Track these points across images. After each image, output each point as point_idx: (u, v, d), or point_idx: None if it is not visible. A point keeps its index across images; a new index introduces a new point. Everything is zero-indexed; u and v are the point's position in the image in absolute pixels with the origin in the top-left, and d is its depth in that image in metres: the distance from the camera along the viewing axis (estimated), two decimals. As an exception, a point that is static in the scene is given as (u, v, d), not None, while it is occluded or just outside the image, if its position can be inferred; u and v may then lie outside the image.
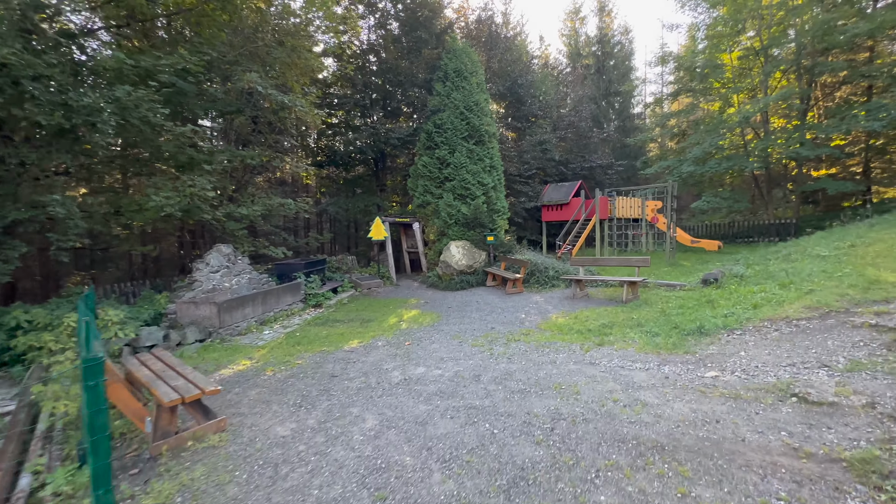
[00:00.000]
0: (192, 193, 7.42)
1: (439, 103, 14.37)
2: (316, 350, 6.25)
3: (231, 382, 4.84)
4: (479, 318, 8.15)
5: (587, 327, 6.62)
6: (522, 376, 4.33)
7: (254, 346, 6.64)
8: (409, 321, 8.17)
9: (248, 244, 9.75)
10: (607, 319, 7.07)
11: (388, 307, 9.88)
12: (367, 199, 16.31)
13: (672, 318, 6.56)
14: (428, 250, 14.81)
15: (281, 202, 10.06)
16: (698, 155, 16.61)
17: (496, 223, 13.96)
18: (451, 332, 6.93)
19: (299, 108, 8.45)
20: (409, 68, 15.92)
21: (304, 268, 10.45)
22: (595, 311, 7.83)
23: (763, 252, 13.49)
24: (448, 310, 9.18)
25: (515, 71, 19.31)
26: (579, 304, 8.73)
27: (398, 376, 4.66)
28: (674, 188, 13.69)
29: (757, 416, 2.92)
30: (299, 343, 6.71)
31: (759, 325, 5.11)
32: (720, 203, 16.61)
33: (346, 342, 6.65)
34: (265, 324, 8.12)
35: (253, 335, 7.34)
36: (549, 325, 7.00)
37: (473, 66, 14.74)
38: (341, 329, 7.69)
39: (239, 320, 7.37)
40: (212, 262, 7.89)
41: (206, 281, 7.65)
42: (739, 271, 9.16)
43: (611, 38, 31.07)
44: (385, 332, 7.31)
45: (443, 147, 13.95)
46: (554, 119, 21.63)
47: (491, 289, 11.83)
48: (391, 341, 6.56)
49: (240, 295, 7.95)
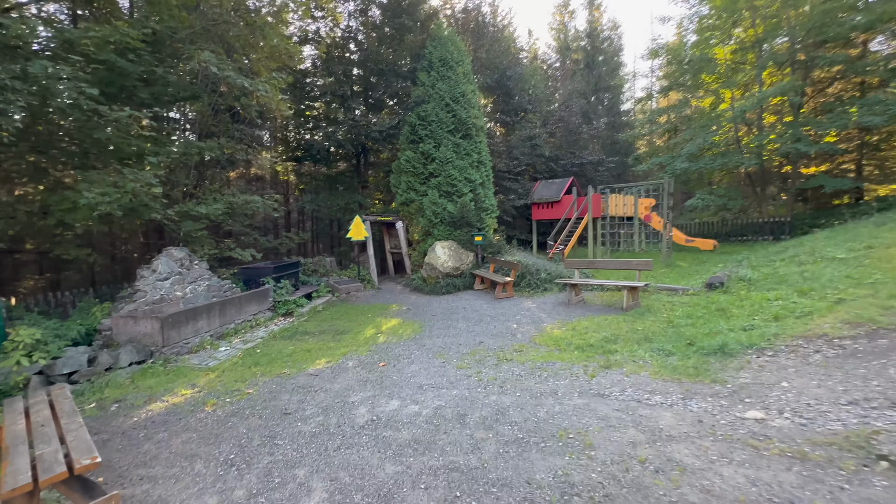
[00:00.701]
0: (133, 189, 6.39)
1: (423, 94, 13.45)
2: (274, 373, 5.32)
3: (157, 424, 3.90)
4: (467, 328, 7.31)
5: (587, 342, 5.83)
6: (518, 416, 3.50)
7: (203, 367, 5.67)
8: (387, 333, 7.29)
9: (209, 246, 8.72)
10: (609, 331, 6.30)
11: (366, 315, 8.97)
12: (347, 197, 15.31)
13: (683, 331, 5.81)
14: (412, 251, 13.91)
15: (247, 199, 9.04)
16: (692, 151, 16.04)
17: (484, 222, 13.13)
18: (434, 349, 6.07)
19: (262, 92, 7.45)
20: (391, 57, 14.96)
21: (273, 272, 9.46)
22: (594, 321, 7.06)
23: (763, 252, 12.94)
24: (432, 318, 8.32)
25: (504, 62, 18.49)
26: (575, 312, 7.95)
27: (365, 415, 3.78)
28: (670, 185, 13.05)
29: (843, 493, 2.13)
30: (257, 363, 5.77)
31: (793, 344, 4.37)
32: (715, 201, 16.09)
33: (311, 362, 5.73)
34: (223, 338, 7.14)
35: (206, 353, 6.36)
36: (544, 339, 6.19)
37: (460, 55, 13.85)
38: (310, 344, 6.76)
39: (190, 336, 6.38)
40: (160, 268, 6.88)
41: (151, 290, 6.63)
42: (746, 274, 8.50)
43: (600, 32, 30.48)
44: (359, 347, 6.41)
45: (427, 141, 13.05)
46: (543, 114, 20.90)
47: (479, 293, 11.00)
48: (364, 360, 5.67)
49: (193, 306, 6.95)
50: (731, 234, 18.63)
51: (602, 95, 29.65)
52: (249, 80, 7.33)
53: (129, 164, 7.16)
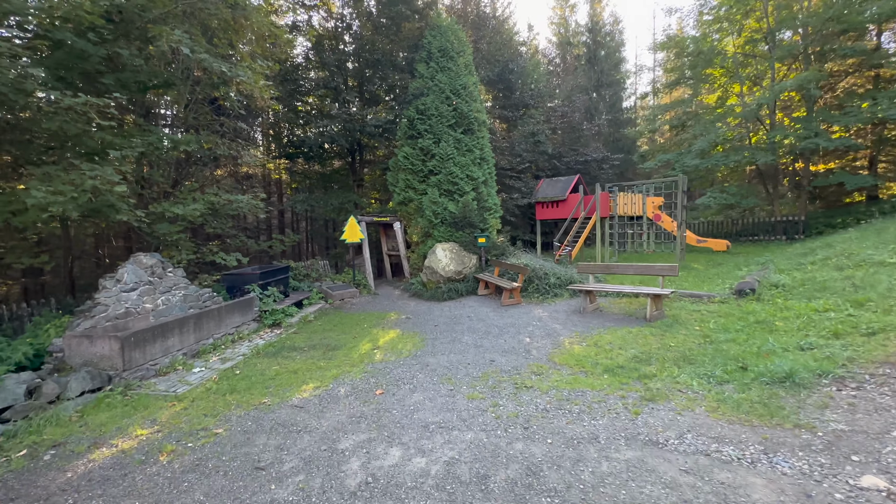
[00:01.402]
0: (93, 188, 5.55)
1: (422, 86, 12.64)
2: (252, 403, 4.51)
3: (94, 483, 3.09)
4: (474, 342, 6.52)
5: (616, 362, 5.06)
6: (556, 478, 2.71)
7: (169, 396, 4.85)
8: (385, 349, 6.48)
9: (186, 251, 7.89)
10: (637, 348, 5.53)
11: (361, 326, 8.16)
12: (342, 196, 14.47)
13: (725, 349, 5.05)
14: (411, 253, 13.11)
15: (229, 199, 8.21)
16: (704, 147, 15.31)
17: (488, 222, 12.35)
18: (438, 370, 5.28)
19: (242, 78, 6.62)
20: (388, 47, 14.11)
21: (259, 278, 8.63)
22: (616, 334, 6.29)
23: (783, 253, 12.22)
24: (434, 330, 7.52)
25: (506, 55, 17.69)
26: (593, 322, 7.18)
27: (357, 472, 2.99)
28: (684, 182, 12.31)
29: None
30: (234, 389, 4.96)
31: (879, 373, 3.61)
32: (727, 199, 15.37)
33: (297, 388, 4.92)
34: (200, 356, 6.31)
35: (176, 376, 5.54)
36: (564, 357, 5.40)
37: (461, 44, 13.05)
38: (297, 363, 5.95)
39: (158, 355, 5.55)
40: (126, 277, 6.04)
41: (114, 304, 5.79)
42: (777, 280, 7.76)
43: (602, 27, 29.74)
44: (353, 367, 5.61)
45: (426, 136, 12.24)
46: (546, 110, 20.13)
47: (483, 299, 10.21)
48: (358, 386, 4.87)
49: (166, 319, 6.13)
50: (741, 234, 17.94)
51: (604, 91, 28.92)
52: (226, 64, 6.49)
53: (93, 159, 6.33)
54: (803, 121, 14.56)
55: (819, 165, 19.77)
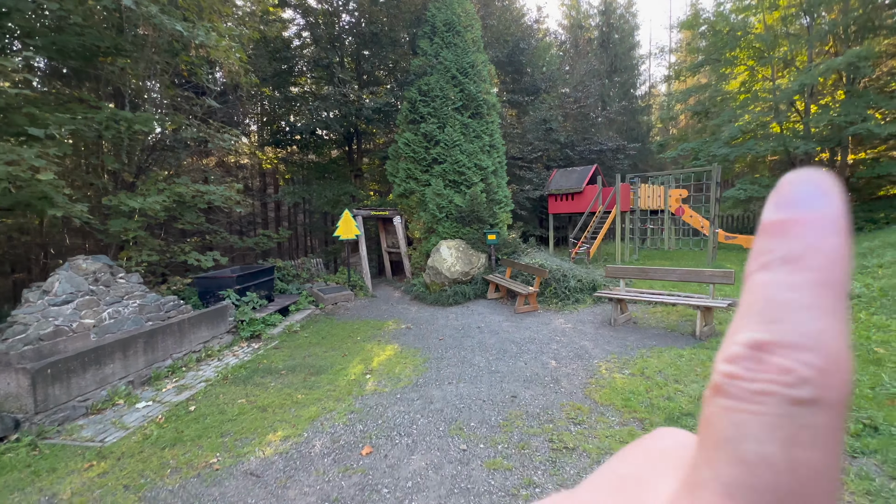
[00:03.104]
0: (7, 174, 4.36)
1: (425, 64, 11.33)
2: (197, 464, 3.36)
3: None
4: (487, 366, 5.33)
5: (678, 404, 3.86)
6: None
7: (92, 448, 3.69)
8: (379, 373, 5.31)
9: (147, 251, 6.71)
10: (700, 382, 4.32)
11: (354, 338, 7.00)
12: (337, 188, 13.23)
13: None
14: (412, 251, 11.91)
15: (199, 190, 7.01)
16: (734, 134, 13.93)
17: (498, 217, 11.11)
18: (445, 412, 4.09)
19: (202, 40, 5.38)
20: (385, 19, 12.73)
21: (236, 282, 7.46)
22: (664, 358, 5.09)
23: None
24: (439, 345, 6.34)
25: (516, 34, 16.28)
26: (629, 339, 5.98)
27: None
28: (718, 173, 10.99)
29: None
30: (179, 440, 3.79)
31: None
32: (759, 191, 14.03)
33: (261, 437, 3.76)
34: (152, 382, 5.16)
35: (114, 413, 4.38)
36: (607, 394, 4.21)
37: (468, 18, 11.70)
38: (269, 393, 4.79)
39: (90, 388, 4.40)
40: (57, 287, 4.86)
41: (39, 321, 4.62)
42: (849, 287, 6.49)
43: (615, 9, 28.11)
44: (337, 402, 4.45)
45: (430, 120, 10.96)
46: (559, 95, 18.73)
47: (494, 304, 9.02)
48: (340, 437, 3.70)
49: (112, 338, 4.98)
50: (768, 229, 16.59)
51: (617, 77, 27.38)
52: (186, 24, 5.24)
53: (20, 139, 5.14)
54: (845, 105, 13.16)
55: (859, 154, 18.33)
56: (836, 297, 0.15)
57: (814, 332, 0.14)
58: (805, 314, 0.15)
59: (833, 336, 0.14)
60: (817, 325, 0.14)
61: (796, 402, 0.14)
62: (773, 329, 0.15)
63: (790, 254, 0.15)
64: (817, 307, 0.15)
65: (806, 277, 0.15)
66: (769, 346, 0.15)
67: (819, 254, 0.15)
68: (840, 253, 0.16)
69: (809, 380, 0.14)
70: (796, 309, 0.15)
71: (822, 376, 0.14)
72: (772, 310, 0.15)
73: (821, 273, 0.15)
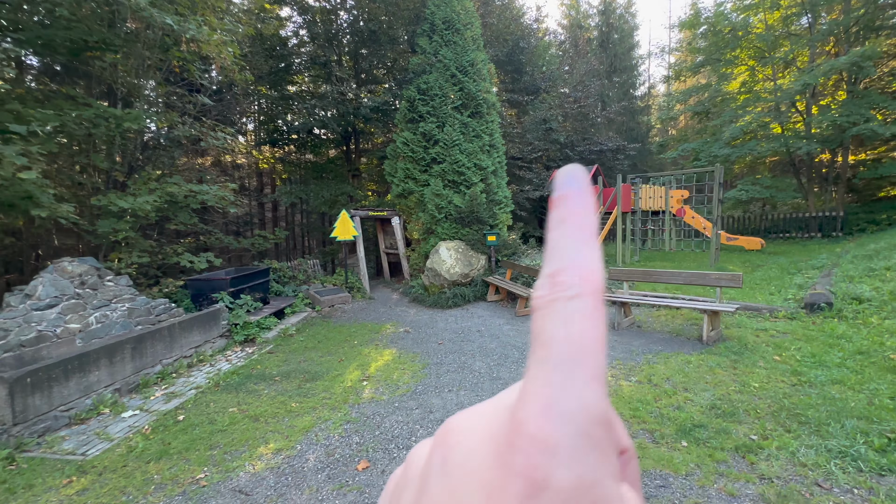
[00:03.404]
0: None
1: (423, 62, 11.15)
2: (183, 480, 3.17)
3: None
4: (488, 371, 5.16)
5: (689, 414, 3.69)
6: None
7: (73, 463, 3.50)
8: (376, 379, 5.13)
9: (137, 253, 6.51)
10: (710, 390, 4.16)
11: (351, 342, 6.81)
12: (334, 188, 13.04)
13: (836, 396, 3.69)
14: (411, 252, 11.72)
15: (192, 190, 6.81)
16: (735, 135, 13.80)
17: (498, 218, 10.93)
18: (445, 420, 3.91)
19: (192, 34, 5.19)
20: (383, 17, 12.55)
21: (229, 284, 7.26)
22: (671, 364, 4.93)
23: (834, 254, 10.82)
24: (438, 350, 6.17)
25: (515, 33, 16.12)
26: (634, 344, 5.81)
27: None
28: (720, 173, 10.85)
29: None
30: (165, 452, 3.61)
31: None
32: (760, 192, 13.91)
33: (252, 449, 3.58)
34: (139, 390, 4.96)
35: (98, 423, 4.19)
36: (614, 404, 4.03)
37: (468, 15, 11.52)
38: (262, 401, 4.60)
39: (74, 396, 4.20)
40: (40, 291, 4.66)
41: (21, 327, 4.42)
42: (859, 291, 6.36)
43: (615, 8, 28.00)
44: (333, 410, 4.27)
45: (429, 119, 10.78)
46: (558, 95, 18.57)
47: (494, 306, 8.85)
48: (335, 449, 3.52)
49: (99, 343, 4.78)
50: (769, 231, 16.49)
51: (617, 78, 27.26)
52: (176, 17, 5.05)
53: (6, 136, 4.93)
54: (847, 105, 13.05)
55: (859, 155, 18.24)
56: (587, 236, 0.24)
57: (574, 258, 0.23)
58: (571, 250, 0.23)
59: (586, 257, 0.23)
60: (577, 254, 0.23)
61: (568, 298, 0.22)
62: (556, 262, 0.23)
63: (561, 216, 0.25)
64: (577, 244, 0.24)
65: (570, 229, 0.24)
66: (556, 272, 0.23)
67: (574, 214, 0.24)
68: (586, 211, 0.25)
69: (574, 285, 0.22)
70: (566, 248, 0.24)
71: (581, 281, 0.22)
72: (555, 251, 0.24)
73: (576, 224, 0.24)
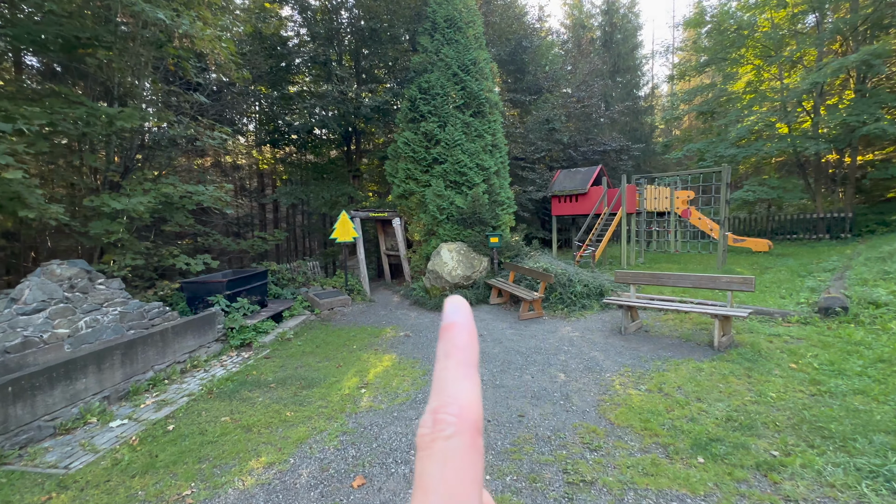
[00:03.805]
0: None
1: (425, 61, 10.99)
2: (167, 497, 3.00)
3: None
4: (492, 379, 4.97)
5: (704, 427, 3.49)
6: None
7: (54, 477, 3.33)
8: (375, 386, 4.95)
9: (131, 255, 6.35)
10: (725, 399, 3.96)
11: (350, 346, 6.64)
12: (335, 189, 12.88)
13: (859, 408, 3.51)
14: (412, 253, 11.55)
15: (188, 190, 6.65)
16: (742, 134, 13.57)
17: (500, 219, 10.74)
18: (446, 433, 3.72)
19: (186, 29, 5.02)
20: (385, 16, 12.39)
21: (226, 287, 7.09)
22: (681, 371, 4.72)
23: (844, 256, 10.59)
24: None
25: (518, 31, 15.95)
26: (642, 350, 5.61)
27: None
28: (728, 174, 10.63)
29: None
30: (152, 466, 3.43)
31: None
32: (768, 193, 13.67)
33: (242, 463, 3.40)
34: (130, 397, 4.79)
35: (84, 433, 4.02)
36: (623, 414, 3.84)
37: (470, 14, 11.35)
38: (256, 410, 4.42)
39: (60, 405, 4.03)
40: (27, 295, 4.50)
41: (4, 333, 4.26)
42: (875, 295, 6.14)
43: (618, 8, 27.79)
44: (329, 420, 4.09)
45: (430, 119, 10.62)
46: (561, 95, 18.40)
47: (497, 309, 8.66)
48: (330, 463, 3.34)
49: (89, 348, 4.62)
50: (776, 232, 16.24)
51: (620, 78, 27.05)
52: (169, 12, 4.89)
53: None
54: (856, 104, 12.81)
55: (867, 155, 17.95)
56: (468, 370, 0.25)
57: (454, 393, 0.23)
58: (452, 384, 0.24)
59: (465, 393, 0.23)
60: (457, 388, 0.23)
61: (446, 438, 0.22)
62: (438, 398, 0.24)
63: (446, 350, 0.25)
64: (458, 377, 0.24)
65: (452, 363, 0.25)
66: (437, 409, 0.23)
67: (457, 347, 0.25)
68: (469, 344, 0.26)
69: (451, 423, 0.22)
70: (448, 382, 0.24)
71: (458, 419, 0.22)
72: (439, 384, 0.24)
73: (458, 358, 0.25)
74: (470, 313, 0.28)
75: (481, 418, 0.23)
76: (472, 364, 0.25)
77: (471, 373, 0.24)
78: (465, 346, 0.25)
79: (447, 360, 0.25)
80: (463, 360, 0.25)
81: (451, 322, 0.26)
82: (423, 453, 0.22)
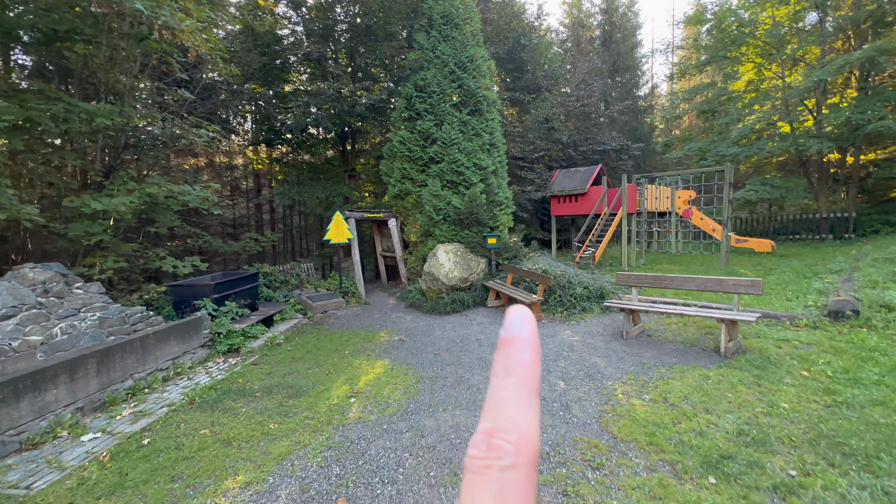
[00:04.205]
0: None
1: (421, 58, 10.76)
2: (132, 524, 2.75)
3: None
4: (485, 386, 4.71)
5: (714, 442, 3.25)
6: None
7: (9, 500, 3.08)
8: (365, 395, 4.70)
9: (114, 258, 6.10)
10: (735, 411, 3.72)
11: (342, 352, 6.39)
12: (329, 189, 12.64)
13: (880, 420, 3.26)
14: (408, 255, 11.31)
15: (173, 190, 6.41)
16: (744, 133, 13.35)
17: (498, 219, 10.51)
18: (438, 449, 3.48)
19: (166, 20, 4.78)
20: (381, 13, 12.16)
21: (213, 290, 6.85)
22: (687, 379, 4.49)
23: (850, 257, 10.36)
24: (434, 361, 5.74)
25: (517, 30, 15.72)
26: (646, 356, 5.37)
27: None
28: (730, 173, 10.41)
29: None
30: (120, 485, 3.19)
31: None
32: (770, 192, 13.45)
33: (218, 483, 3.16)
34: (106, 408, 4.55)
35: (53, 448, 3.77)
36: (626, 426, 3.60)
37: (467, 10, 11.13)
38: (238, 422, 4.18)
39: (26, 418, 3.79)
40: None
41: (-30, 340, 4.02)
42: (887, 298, 5.91)
43: (617, 7, 27.60)
44: (314, 434, 3.84)
45: (427, 117, 10.39)
46: (560, 94, 18.18)
47: (494, 312, 8.42)
48: (312, 483, 3.09)
49: (65, 356, 4.38)
50: (778, 232, 16.02)
51: (619, 77, 26.84)
52: (149, 2, 4.66)
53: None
54: (860, 102, 12.60)
55: (869, 154, 17.74)
56: (529, 394, 0.22)
57: (514, 419, 0.21)
58: (511, 406, 0.22)
59: (526, 420, 0.22)
60: (518, 413, 0.21)
61: (503, 469, 0.20)
62: (494, 419, 0.22)
63: (507, 365, 0.23)
64: (518, 400, 0.22)
65: (512, 384, 0.23)
66: (493, 431, 0.21)
67: (520, 365, 0.23)
68: (532, 364, 0.24)
69: (510, 452, 0.21)
70: (507, 403, 0.22)
71: (517, 449, 0.21)
72: (496, 404, 0.22)
73: (520, 379, 0.23)
74: (535, 327, 0.26)
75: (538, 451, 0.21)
76: (534, 387, 0.22)
77: (532, 397, 0.22)
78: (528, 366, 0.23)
79: (507, 379, 0.23)
80: (525, 381, 0.22)
81: (513, 336, 0.24)
82: (474, 478, 0.20)
